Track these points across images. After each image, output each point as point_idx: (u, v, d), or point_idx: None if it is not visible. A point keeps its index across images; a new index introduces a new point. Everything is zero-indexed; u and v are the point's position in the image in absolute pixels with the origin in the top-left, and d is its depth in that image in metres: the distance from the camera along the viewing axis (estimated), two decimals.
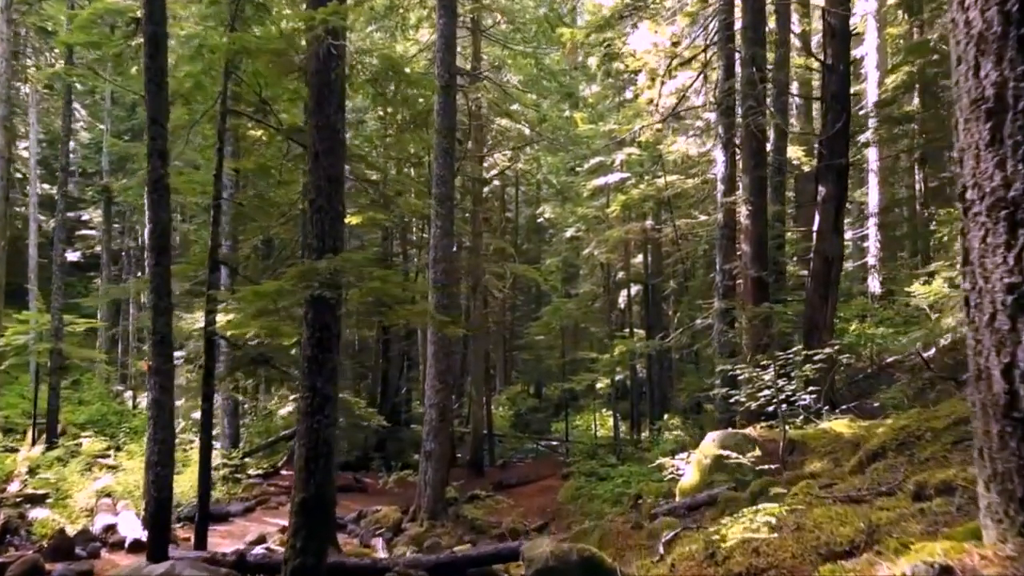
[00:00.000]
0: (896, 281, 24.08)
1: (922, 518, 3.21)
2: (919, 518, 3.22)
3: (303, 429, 6.94)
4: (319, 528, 6.82)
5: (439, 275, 14.42)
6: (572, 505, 17.74)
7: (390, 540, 13.28)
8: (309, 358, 7.00)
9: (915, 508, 3.40)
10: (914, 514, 3.31)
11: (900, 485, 4.27)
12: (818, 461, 7.67)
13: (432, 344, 14.44)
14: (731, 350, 12.97)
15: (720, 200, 13.48)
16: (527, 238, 40.14)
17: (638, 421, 25.37)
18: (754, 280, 12.44)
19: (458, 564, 8.32)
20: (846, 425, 8.64)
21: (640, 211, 23.08)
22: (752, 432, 8.81)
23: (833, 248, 12.28)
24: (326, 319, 6.99)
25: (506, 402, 33.22)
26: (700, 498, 7.95)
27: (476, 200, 21.92)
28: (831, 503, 4.08)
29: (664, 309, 25.43)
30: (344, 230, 7.24)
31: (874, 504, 3.88)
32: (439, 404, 14.40)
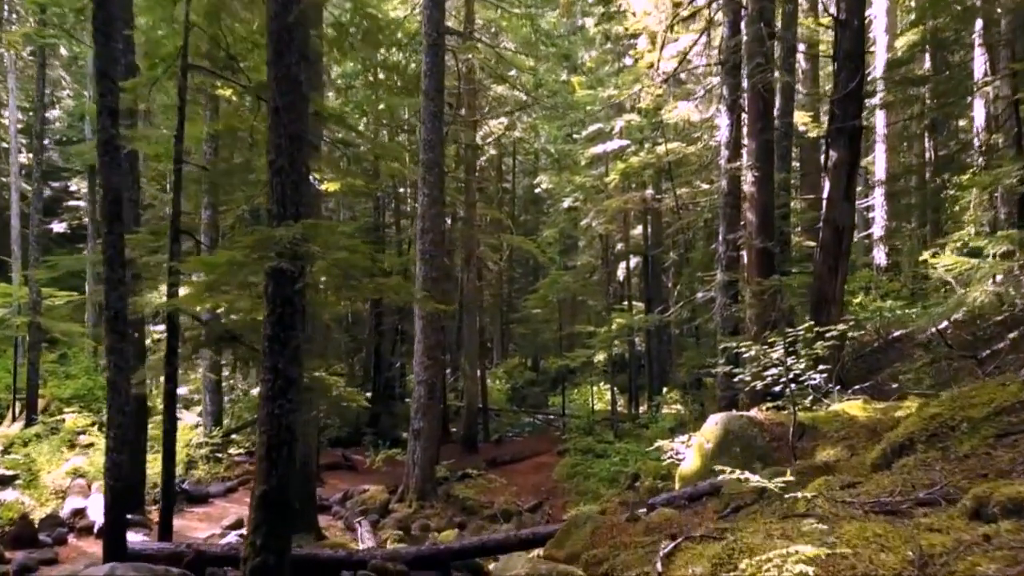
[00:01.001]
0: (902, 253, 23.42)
1: (990, 549, 2.55)
2: (985, 548, 2.57)
3: (264, 415, 6.27)
4: (281, 524, 6.18)
5: (427, 246, 13.71)
6: (568, 483, 17.20)
7: (376, 522, 12.71)
8: (270, 337, 6.31)
9: (977, 533, 2.74)
10: (977, 541, 2.66)
11: (944, 492, 3.60)
12: (830, 448, 7.03)
13: (420, 319, 13.77)
14: (734, 325, 12.29)
15: (724, 166, 12.71)
16: (525, 209, 39.35)
17: (636, 395, 24.80)
18: (759, 251, 11.72)
19: (440, 557, 7.73)
20: (859, 407, 7.99)
21: (640, 180, 22.27)
22: (758, 415, 8.17)
23: (844, 217, 11.55)
24: (288, 293, 6.28)
25: (503, 376, 32.65)
26: (702, 487, 7.32)
27: (469, 169, 21.10)
28: (861, 513, 3.43)
29: (664, 281, 24.73)
30: (308, 194, 6.51)
31: (917, 519, 3.23)
32: (428, 381, 13.77)
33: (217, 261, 6.17)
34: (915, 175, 22.89)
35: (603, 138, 22.57)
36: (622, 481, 15.53)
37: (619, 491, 15.27)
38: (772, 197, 12.04)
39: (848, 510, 3.60)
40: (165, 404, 8.42)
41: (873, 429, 7.08)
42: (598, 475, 16.52)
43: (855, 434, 7.16)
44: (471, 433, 21.02)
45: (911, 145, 24.76)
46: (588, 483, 16.38)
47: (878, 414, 7.54)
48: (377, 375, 26.49)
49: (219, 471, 14.80)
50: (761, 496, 6.29)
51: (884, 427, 7.00)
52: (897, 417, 7.16)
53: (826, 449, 7.02)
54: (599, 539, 6.64)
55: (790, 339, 7.69)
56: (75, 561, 9.56)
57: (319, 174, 9.86)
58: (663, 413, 19.36)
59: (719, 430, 8.06)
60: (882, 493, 3.93)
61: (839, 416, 7.81)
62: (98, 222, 29.54)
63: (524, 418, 28.47)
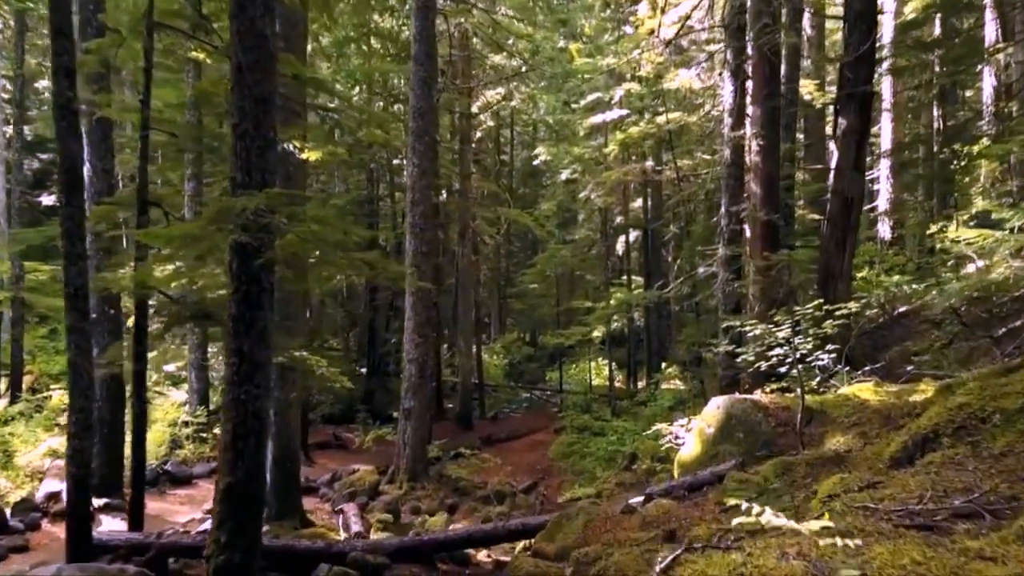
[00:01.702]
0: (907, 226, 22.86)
1: None
2: None
3: (229, 401, 5.79)
4: (249, 519, 5.72)
5: (417, 219, 13.17)
6: (563, 462, 16.82)
7: (365, 505, 12.31)
8: (235, 317, 5.80)
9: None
10: None
11: (984, 501, 3.12)
12: (841, 435, 6.55)
13: (411, 295, 13.26)
14: (736, 301, 11.79)
15: (727, 135, 12.12)
16: (523, 182, 38.68)
17: (635, 370, 24.38)
18: (764, 224, 11.18)
19: (424, 548, 7.30)
20: (871, 390, 7.50)
21: (640, 151, 21.65)
22: (762, 398, 7.68)
23: (853, 188, 10.98)
24: (254, 270, 5.77)
25: (500, 351, 32.22)
26: (703, 476, 6.85)
27: (464, 139, 20.46)
28: (890, 527, 2.95)
29: (664, 255, 24.21)
30: (275, 160, 5.96)
31: (959, 537, 2.74)
32: (419, 359, 13.29)
33: (172, 234, 5.65)
34: (923, 146, 22.25)
35: (602, 107, 21.90)
36: (619, 461, 15.14)
37: (616, 472, 14.89)
38: (778, 167, 11.48)
39: (873, 522, 3.13)
40: (134, 388, 7.93)
41: (887, 415, 6.59)
42: (594, 454, 16.14)
43: (867, 420, 6.67)
44: (466, 410, 20.62)
45: (918, 115, 24.10)
46: (584, 462, 16.00)
47: (891, 398, 7.05)
48: (372, 351, 26.06)
49: (204, 451, 14.38)
50: (766, 487, 5.83)
51: (899, 413, 6.52)
52: (912, 402, 6.67)
53: (836, 436, 6.54)
54: (592, 534, 6.19)
55: (797, 317, 7.19)
56: (46, 549, 9.17)
57: (299, 142, 9.28)
58: (662, 390, 18.95)
59: (721, 414, 7.58)
60: (910, 498, 3.45)
61: (849, 400, 7.32)
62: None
63: (521, 394, 28.11)
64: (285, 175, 10.19)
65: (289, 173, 10.20)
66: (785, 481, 5.68)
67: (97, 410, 11.29)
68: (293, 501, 10.45)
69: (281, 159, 10.14)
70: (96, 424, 11.19)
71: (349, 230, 6.06)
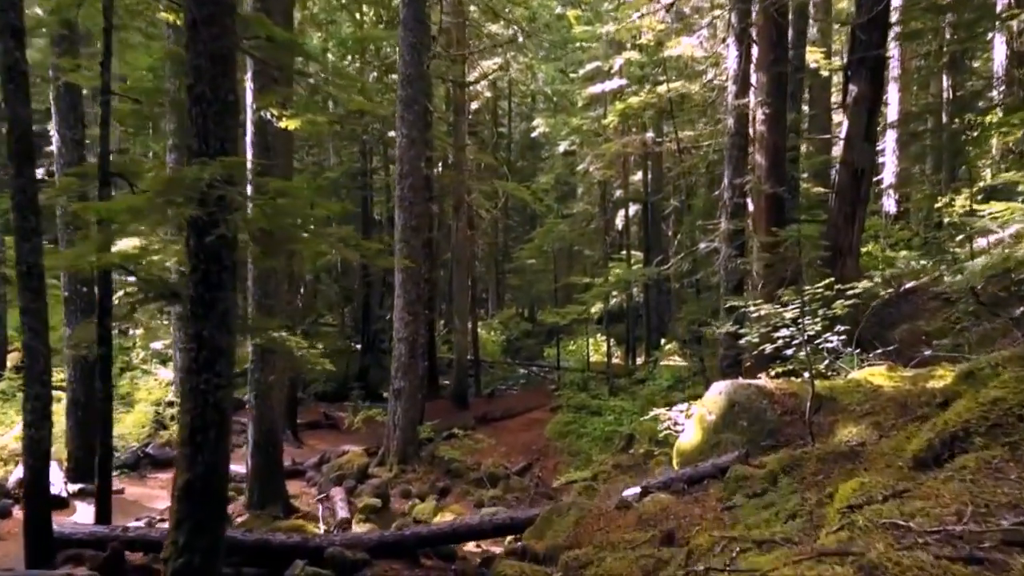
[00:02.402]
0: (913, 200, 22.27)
1: None
2: None
3: (187, 391, 5.30)
4: (209, 519, 5.26)
5: (407, 192, 12.61)
6: (560, 442, 16.41)
7: (353, 488, 11.89)
8: (193, 299, 5.29)
9: None
10: None
11: None
12: (853, 425, 6.08)
13: (400, 272, 12.74)
14: (739, 278, 11.27)
15: (731, 103, 11.51)
16: (521, 154, 37.96)
17: (634, 346, 23.92)
18: (768, 197, 10.63)
19: (406, 544, 6.86)
20: (884, 375, 7.02)
21: (639, 122, 20.99)
22: (767, 383, 7.20)
23: (864, 158, 10.44)
24: (214, 247, 5.25)
25: (498, 327, 31.76)
26: (704, 468, 6.40)
27: (458, 109, 19.79)
28: (929, 557, 2.48)
29: (664, 230, 23.63)
30: (235, 126, 5.40)
31: None
32: (408, 338, 12.81)
33: (116, 207, 5.12)
34: (931, 116, 21.56)
35: (601, 77, 21.18)
36: (616, 442, 14.73)
37: (613, 453, 14.48)
38: (784, 137, 10.90)
39: (908, 548, 2.65)
40: (99, 372, 7.46)
41: (903, 403, 6.12)
42: (591, 434, 15.72)
43: (881, 408, 6.20)
44: (461, 388, 20.19)
45: (926, 84, 23.38)
46: (581, 443, 15.59)
47: (906, 384, 6.57)
48: (366, 327, 25.60)
49: None
50: (773, 484, 5.37)
51: (916, 401, 6.04)
52: (931, 389, 6.19)
53: (848, 426, 6.07)
54: (583, 532, 5.75)
55: (806, 296, 6.68)
56: (15, 539, 8.73)
57: (277, 110, 8.70)
58: (660, 368, 18.47)
59: (723, 400, 7.11)
60: (947, 514, 2.97)
61: (861, 386, 6.84)
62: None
63: (519, 370, 27.69)
64: (263, 145, 9.65)
65: (268, 143, 9.65)
66: (794, 478, 5.21)
67: (71, 391, 10.87)
68: (276, 487, 10.04)
69: (259, 129, 9.60)
70: (70, 406, 10.78)
71: (318, 204, 5.52)
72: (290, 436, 15.05)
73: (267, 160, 9.61)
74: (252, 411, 9.85)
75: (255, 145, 9.59)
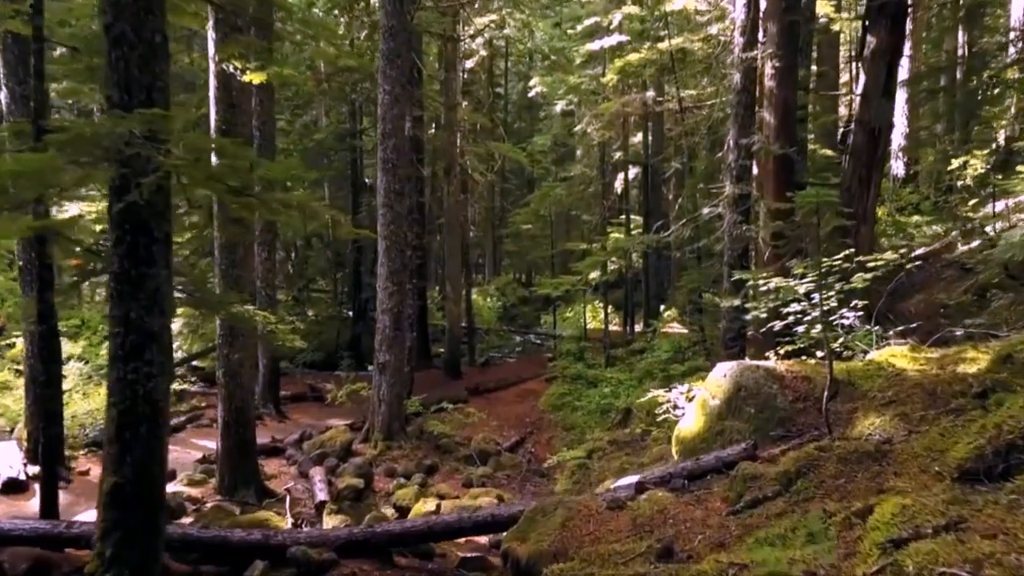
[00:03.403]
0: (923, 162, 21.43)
1: None
2: None
3: (114, 381, 4.60)
4: (143, 527, 4.60)
5: (389, 153, 11.80)
6: (554, 415, 15.82)
7: (335, 467, 11.28)
8: (117, 275, 4.57)
9: None
10: None
11: None
12: (875, 415, 5.39)
13: (383, 239, 11.99)
14: (743, 247, 10.53)
15: (737, 56, 10.62)
16: (519, 116, 36.95)
17: (632, 313, 23.24)
18: (778, 159, 9.86)
19: (376, 541, 6.23)
20: (907, 356, 6.32)
21: (639, 80, 20.03)
22: (777, 365, 6.51)
23: (881, 116, 9.65)
24: (142, 216, 4.51)
25: (495, 293, 31.03)
26: (707, 461, 5.73)
27: (449, 66, 18.84)
28: None
29: (664, 193, 22.80)
30: (165, 73, 4.60)
31: None
32: (393, 309, 12.12)
33: (18, 169, 4.37)
34: (944, 75, 20.61)
35: (600, 33, 20.16)
36: (612, 416, 14.13)
37: (609, 428, 13.89)
38: (795, 93, 10.09)
39: None
40: (39, 351, 6.76)
41: (931, 391, 5.43)
42: (586, 408, 15.12)
43: (907, 396, 5.51)
44: (454, 358, 19.57)
45: (938, 41, 22.37)
46: (575, 416, 14.99)
47: (933, 367, 5.88)
48: (357, 294, 24.89)
49: None
50: (787, 488, 4.70)
51: (947, 389, 5.36)
52: (962, 374, 5.51)
53: (869, 417, 5.39)
54: (571, 537, 5.09)
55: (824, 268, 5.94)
56: None
57: (240, 62, 7.89)
58: (659, 338, 17.79)
59: (728, 384, 6.43)
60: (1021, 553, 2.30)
61: (882, 368, 6.15)
62: None
63: (515, 338, 27.09)
64: (228, 102, 8.83)
65: (232, 100, 8.83)
66: (811, 481, 4.54)
67: (29, 368, 10.19)
68: (248, 469, 9.41)
69: (223, 84, 8.79)
70: (28, 383, 10.12)
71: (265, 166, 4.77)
72: (272, 410, 14.47)
73: (232, 118, 8.82)
74: (221, 389, 9.19)
75: (219, 102, 8.78)
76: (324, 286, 30.11)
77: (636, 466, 10.63)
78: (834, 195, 5.53)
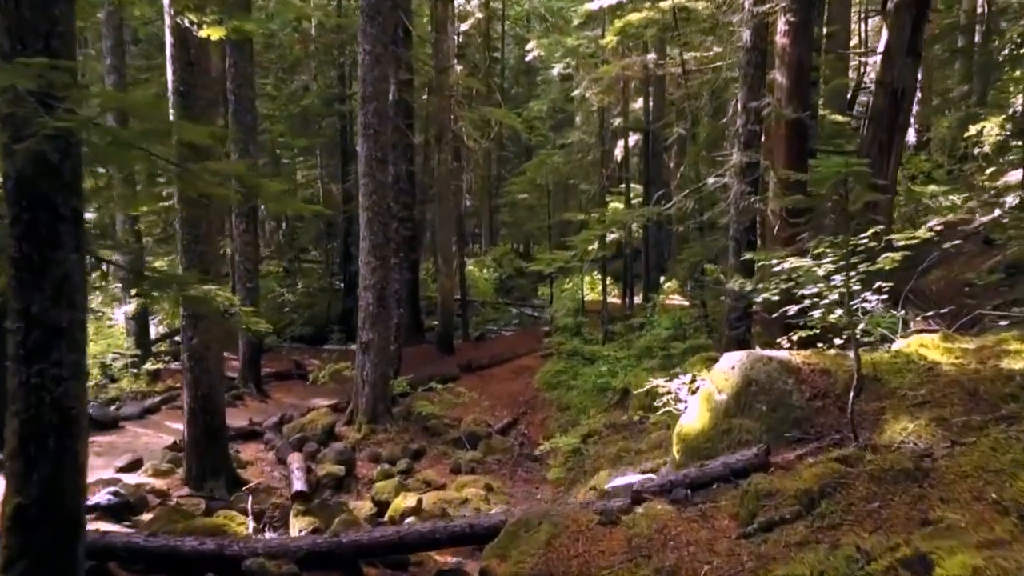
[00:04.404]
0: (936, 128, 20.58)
1: None
2: None
3: (16, 387, 3.90)
4: (55, 553, 3.92)
5: (370, 117, 10.98)
6: (549, 394, 15.17)
7: (316, 452, 10.66)
8: (16, 260, 3.84)
9: None
10: None
11: None
12: (907, 419, 4.70)
13: (365, 210, 11.24)
14: (751, 219, 9.78)
15: (747, 9, 9.73)
16: (516, 81, 35.93)
17: (631, 285, 22.51)
18: (791, 124, 9.06)
19: (342, 553, 5.58)
20: (938, 347, 5.61)
21: (640, 42, 19.07)
22: (791, 356, 5.79)
23: (905, 77, 8.84)
24: (43, 189, 3.77)
25: (491, 264, 30.26)
26: (713, 468, 5.05)
27: (440, 26, 17.88)
28: None
29: (665, 161, 21.93)
30: (67, 17, 3.82)
31: None
32: (376, 285, 11.40)
33: None
34: (961, 36, 19.65)
35: None
36: (609, 396, 13.49)
37: (606, 409, 13.25)
38: (810, 51, 9.26)
39: None
40: None
41: (972, 390, 4.74)
42: (582, 387, 14.47)
43: (943, 396, 4.82)
44: (446, 334, 18.90)
45: None
46: (571, 395, 14.33)
47: (972, 361, 5.18)
48: (348, 266, 24.15)
49: (142, 386, 12.66)
50: (808, 510, 4.02)
51: (991, 388, 4.67)
52: (1009, 370, 4.81)
53: (901, 420, 4.70)
54: (557, 559, 4.43)
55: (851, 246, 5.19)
56: None
57: (195, 15, 7.07)
58: (660, 312, 17.07)
59: (737, 377, 5.73)
60: None
61: (911, 361, 5.45)
62: None
63: (512, 310, 26.41)
64: (186, 61, 8.01)
65: (190, 58, 8.01)
66: (838, 504, 3.86)
67: None
68: (217, 459, 8.76)
69: (180, 41, 7.98)
70: None
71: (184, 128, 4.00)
72: (253, 389, 13.83)
73: (192, 79, 8.01)
74: (186, 374, 8.50)
75: (176, 60, 7.96)
76: (318, 257, 29.35)
77: (633, 452, 9.99)
78: (864, 164, 4.75)
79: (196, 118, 8.04)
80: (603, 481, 8.83)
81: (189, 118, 7.99)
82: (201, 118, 8.10)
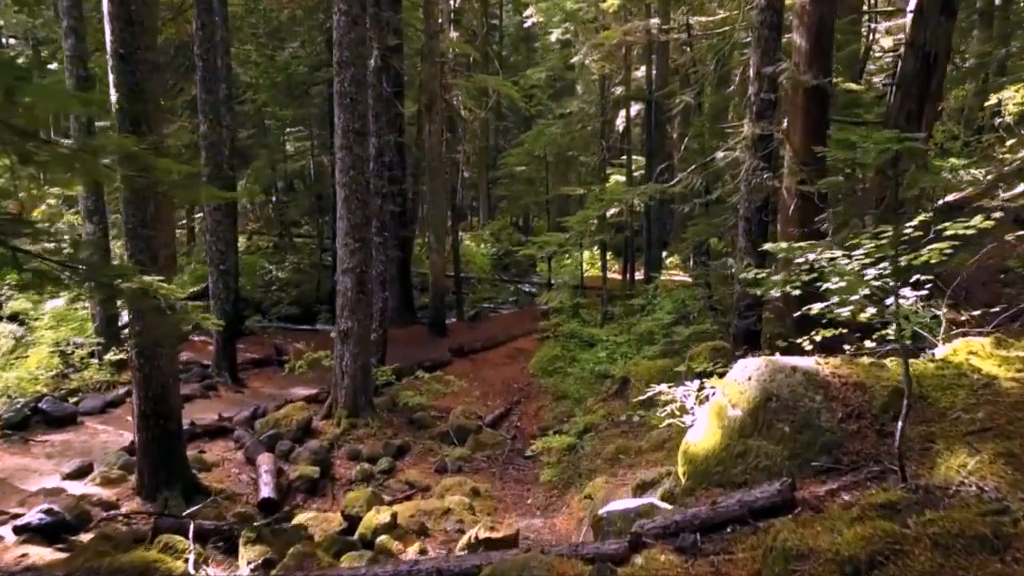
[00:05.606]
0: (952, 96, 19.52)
1: None
2: None
3: None
4: None
5: (347, 85, 10.02)
6: (545, 380, 14.35)
7: (290, 451, 9.88)
8: None
9: None
10: None
11: None
12: (964, 451, 3.84)
13: (342, 187, 10.33)
14: (764, 198, 8.87)
15: None
16: (515, 49, 34.71)
17: (632, 261, 21.62)
18: (809, 92, 8.09)
19: None
20: (992, 355, 4.74)
21: (643, 5, 17.99)
22: (819, 367, 4.90)
23: (938, 39, 7.84)
24: None
25: (489, 238, 29.32)
26: (727, 506, 4.19)
27: None
28: None
29: (668, 132, 20.90)
30: None
31: None
32: (355, 269, 10.53)
33: None
34: None
35: None
36: (608, 385, 12.66)
37: (604, 397, 12.43)
38: (834, 10, 8.25)
39: None
40: None
41: None
42: (580, 374, 13.64)
43: (1008, 423, 3.95)
44: (439, 315, 18.06)
45: None
46: (568, 383, 13.51)
47: None
48: (335, 243, 23.21)
49: (103, 378, 11.83)
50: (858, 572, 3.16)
51: None
52: None
53: (957, 453, 3.84)
54: None
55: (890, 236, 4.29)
56: None
57: None
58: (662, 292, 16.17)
59: (754, 390, 4.87)
60: None
61: (962, 374, 4.57)
62: None
63: (509, 287, 25.53)
64: (126, 19, 7.06)
65: (131, 16, 7.05)
66: None
67: None
68: (173, 465, 7.94)
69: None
70: None
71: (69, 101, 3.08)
72: (227, 379, 13.00)
73: (134, 39, 7.06)
74: (135, 373, 7.66)
75: (114, 18, 7.00)
76: (309, 232, 28.40)
77: (633, 452, 9.18)
78: (918, 140, 3.83)
79: (139, 84, 7.12)
80: (599, 488, 8.05)
81: (131, 84, 7.08)
82: (146, 84, 7.17)
